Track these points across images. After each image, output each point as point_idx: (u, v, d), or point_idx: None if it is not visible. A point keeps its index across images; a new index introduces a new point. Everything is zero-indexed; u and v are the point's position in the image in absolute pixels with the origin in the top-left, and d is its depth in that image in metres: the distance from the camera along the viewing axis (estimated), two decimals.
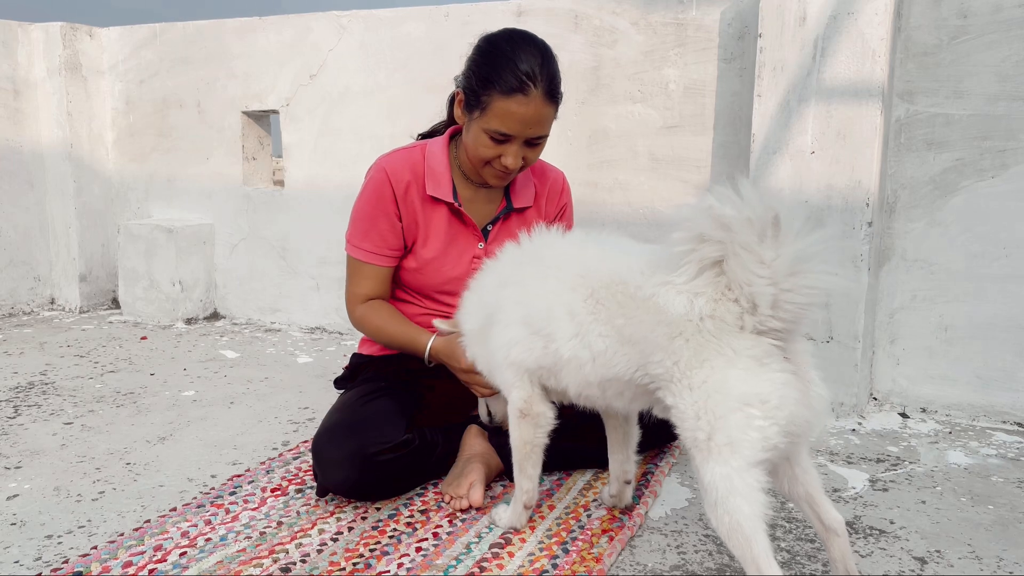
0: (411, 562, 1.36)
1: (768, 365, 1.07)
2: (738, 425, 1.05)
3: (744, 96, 2.36)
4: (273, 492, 1.65)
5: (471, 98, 1.60)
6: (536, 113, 1.56)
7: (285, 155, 3.19)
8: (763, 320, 1.06)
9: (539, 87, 1.55)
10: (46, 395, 2.32)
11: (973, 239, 2.11)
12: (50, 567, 1.35)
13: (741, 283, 1.05)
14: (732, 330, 1.08)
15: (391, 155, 1.73)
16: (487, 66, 1.57)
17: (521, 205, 1.79)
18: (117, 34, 3.47)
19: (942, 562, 1.40)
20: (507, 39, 1.60)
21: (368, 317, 1.73)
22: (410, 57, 2.88)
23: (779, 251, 1.03)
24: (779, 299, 1.04)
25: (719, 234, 1.05)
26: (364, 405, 1.66)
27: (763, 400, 1.05)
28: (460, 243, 1.74)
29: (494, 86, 1.55)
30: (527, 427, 1.40)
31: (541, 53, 1.58)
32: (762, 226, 1.02)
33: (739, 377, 1.06)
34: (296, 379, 2.52)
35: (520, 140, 1.59)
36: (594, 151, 2.63)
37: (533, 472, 1.44)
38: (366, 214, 1.70)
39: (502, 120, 1.56)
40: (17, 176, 3.40)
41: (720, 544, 1.45)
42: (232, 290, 3.38)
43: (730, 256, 1.05)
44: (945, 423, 2.13)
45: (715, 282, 1.08)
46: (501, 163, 1.62)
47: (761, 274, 1.03)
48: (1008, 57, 2.03)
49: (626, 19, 2.53)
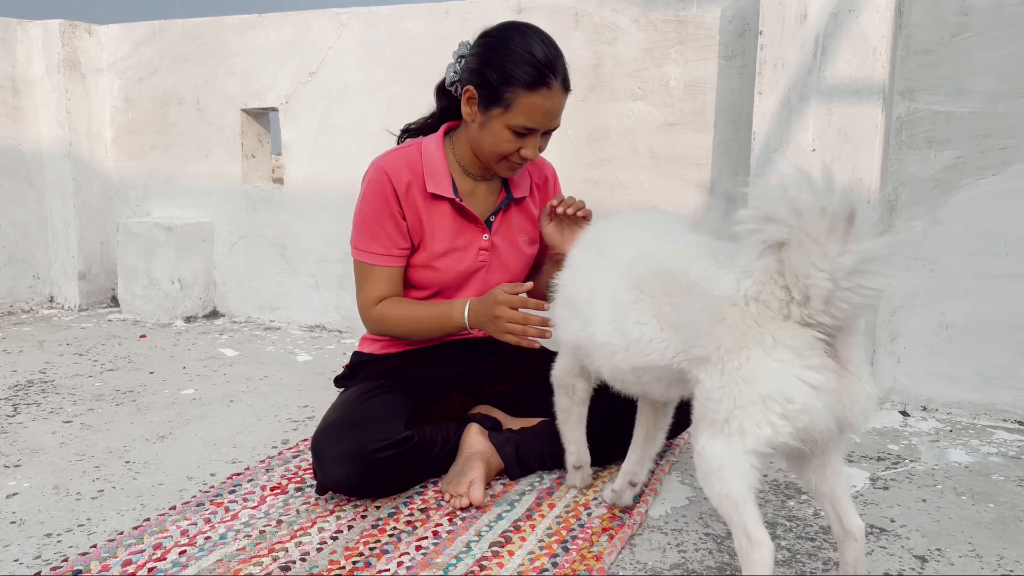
0: (411, 560, 1.36)
1: (807, 359, 1.04)
2: (754, 418, 1.05)
3: (745, 94, 2.36)
4: (273, 491, 1.64)
5: (490, 94, 1.59)
6: (558, 104, 1.60)
7: (284, 153, 3.18)
8: (813, 314, 1.03)
9: (558, 78, 1.58)
10: (45, 393, 2.32)
11: (974, 237, 2.10)
12: (49, 565, 1.35)
13: (799, 274, 1.02)
14: (776, 317, 1.06)
15: (388, 155, 1.72)
16: (505, 62, 1.56)
17: (520, 195, 1.80)
18: (116, 31, 3.46)
19: (943, 560, 1.40)
20: (517, 32, 1.60)
21: (388, 313, 1.71)
22: (410, 54, 2.87)
23: (847, 247, 0.99)
24: (834, 296, 1.01)
25: (789, 218, 1.01)
26: (363, 403, 1.66)
27: (788, 400, 1.03)
28: (466, 236, 1.74)
29: (517, 81, 1.55)
30: (562, 396, 1.55)
31: (552, 43, 1.61)
32: (835, 219, 0.98)
33: (772, 369, 1.04)
34: (296, 377, 2.52)
35: (539, 132, 1.62)
36: (594, 149, 2.63)
37: (572, 436, 1.59)
38: (370, 216, 1.69)
39: (528, 115, 1.58)
40: (16, 174, 3.39)
41: (721, 542, 1.45)
42: (231, 288, 3.38)
43: (794, 243, 1.02)
44: (946, 421, 2.13)
45: (769, 267, 1.06)
46: (520, 155, 1.64)
47: (822, 267, 1.00)
48: (1009, 55, 2.02)
49: (626, 16, 2.53)
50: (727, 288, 1.09)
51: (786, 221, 1.01)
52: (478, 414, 1.79)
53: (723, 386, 1.09)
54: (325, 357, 2.76)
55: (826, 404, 1.04)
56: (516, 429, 1.75)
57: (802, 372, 1.04)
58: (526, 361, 1.80)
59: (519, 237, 1.81)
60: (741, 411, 1.06)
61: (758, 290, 1.07)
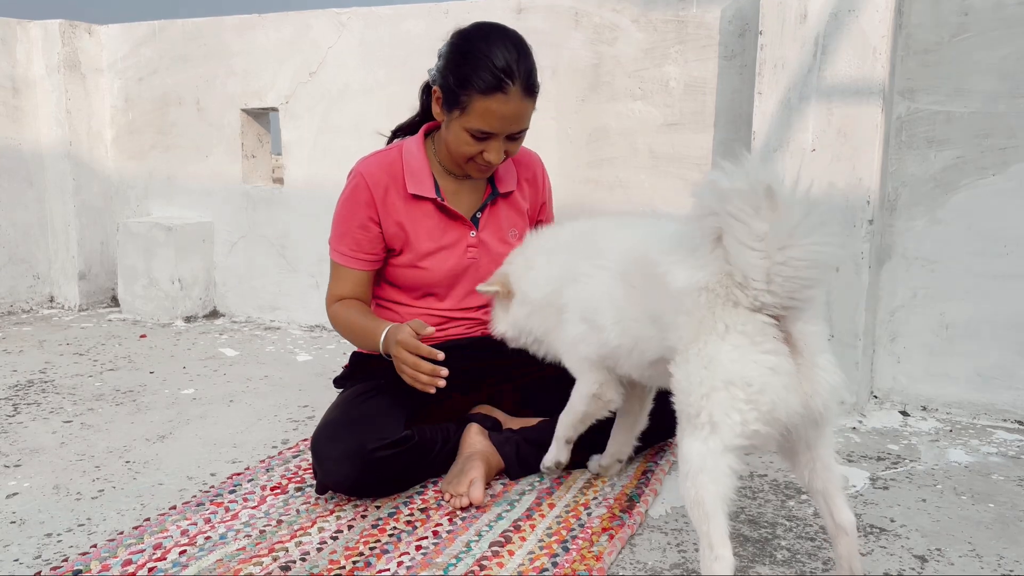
0: (411, 560, 1.36)
1: (760, 344, 1.07)
2: (721, 405, 1.07)
3: (745, 94, 2.36)
4: (273, 490, 1.64)
5: (449, 97, 1.60)
6: (516, 110, 1.58)
7: (284, 153, 3.18)
8: (757, 295, 1.06)
9: (517, 83, 1.56)
10: (45, 393, 2.32)
11: (974, 237, 2.10)
12: (50, 565, 1.35)
13: (734, 256, 1.05)
14: (726, 304, 1.09)
15: (368, 159, 1.74)
16: (464, 65, 1.57)
17: (506, 190, 1.81)
18: (116, 31, 3.46)
19: (942, 560, 1.40)
20: (481, 35, 1.60)
21: (338, 315, 1.74)
22: (410, 54, 2.87)
23: (772, 223, 1.02)
24: (772, 272, 1.03)
25: (718, 207, 1.05)
26: (363, 402, 1.66)
27: (748, 383, 1.06)
28: (451, 235, 1.75)
29: (472, 85, 1.55)
30: (595, 405, 1.51)
31: (516, 47, 1.58)
32: (755, 197, 1.01)
33: (727, 355, 1.08)
34: (296, 377, 2.52)
35: (501, 136, 1.61)
36: (594, 149, 2.63)
37: (577, 432, 1.58)
38: (342, 218, 1.73)
39: (483, 119, 1.57)
40: (16, 174, 3.39)
41: None
42: (231, 288, 3.38)
43: (725, 228, 1.05)
44: (946, 421, 2.13)
45: (720, 257, 1.09)
46: (484, 159, 1.64)
47: (753, 246, 1.03)
48: (1009, 55, 2.02)
49: (627, 16, 2.53)
50: (682, 280, 1.13)
51: (716, 210, 1.05)
52: (478, 414, 1.79)
53: (688, 375, 1.12)
54: (325, 357, 2.76)
55: (784, 385, 1.06)
56: (516, 429, 1.75)
57: (757, 356, 1.07)
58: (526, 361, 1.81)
59: (508, 232, 1.81)
60: (707, 400, 1.08)
61: (707, 279, 1.10)
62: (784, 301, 1.06)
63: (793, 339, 1.09)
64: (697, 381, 1.10)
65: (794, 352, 1.09)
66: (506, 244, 1.81)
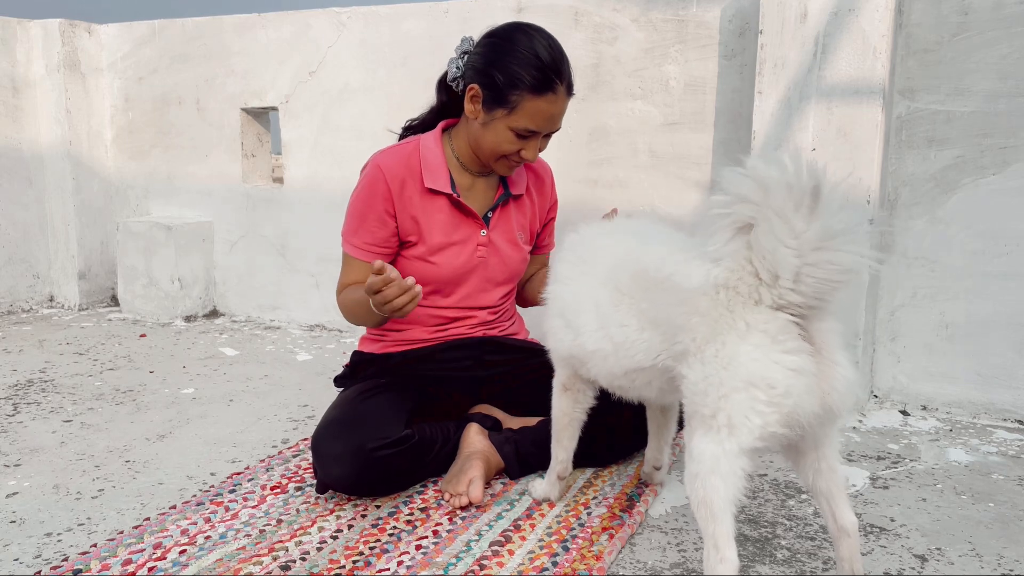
0: (411, 560, 1.36)
1: (782, 343, 1.04)
2: (741, 407, 1.04)
3: (745, 93, 2.36)
4: (273, 490, 1.64)
5: (495, 96, 1.60)
6: (562, 108, 1.62)
7: (284, 152, 3.18)
8: (782, 293, 1.04)
9: (564, 82, 1.60)
10: (45, 392, 2.32)
11: (974, 236, 2.10)
12: (49, 565, 1.35)
13: (766, 250, 1.03)
14: (747, 302, 1.06)
15: (386, 151, 1.74)
16: (512, 64, 1.57)
17: (518, 192, 1.82)
18: (116, 31, 3.46)
19: (942, 560, 1.40)
20: (524, 34, 1.61)
21: (345, 299, 1.72)
22: (410, 54, 2.87)
23: (812, 223, 1.00)
24: (802, 272, 1.02)
25: (757, 196, 1.02)
26: (363, 401, 1.66)
27: (771, 385, 1.03)
28: (463, 231, 1.75)
29: (524, 85, 1.57)
30: (567, 400, 1.50)
31: (558, 47, 1.62)
32: (800, 195, 0.99)
33: (749, 354, 1.05)
34: (296, 377, 2.52)
35: (541, 135, 1.64)
36: (594, 149, 2.63)
37: (568, 444, 1.53)
38: (358, 211, 1.71)
39: (532, 118, 1.59)
40: (16, 174, 3.39)
41: None
42: (231, 287, 3.38)
43: (761, 221, 1.02)
44: (946, 421, 2.13)
45: (740, 250, 1.06)
46: (520, 156, 1.65)
47: (789, 244, 1.00)
48: (1009, 54, 2.02)
49: (626, 16, 2.53)
50: (697, 279, 1.10)
51: (754, 200, 1.02)
52: (478, 413, 1.79)
53: (705, 376, 1.09)
54: (325, 356, 2.76)
55: (807, 387, 1.04)
56: (516, 428, 1.75)
57: (779, 356, 1.04)
58: (526, 361, 1.81)
59: (517, 233, 1.82)
60: (726, 400, 1.05)
61: (727, 276, 1.07)
62: (809, 301, 1.04)
63: (812, 337, 1.07)
64: (716, 382, 1.07)
65: (814, 351, 1.07)
66: (515, 245, 1.81)
